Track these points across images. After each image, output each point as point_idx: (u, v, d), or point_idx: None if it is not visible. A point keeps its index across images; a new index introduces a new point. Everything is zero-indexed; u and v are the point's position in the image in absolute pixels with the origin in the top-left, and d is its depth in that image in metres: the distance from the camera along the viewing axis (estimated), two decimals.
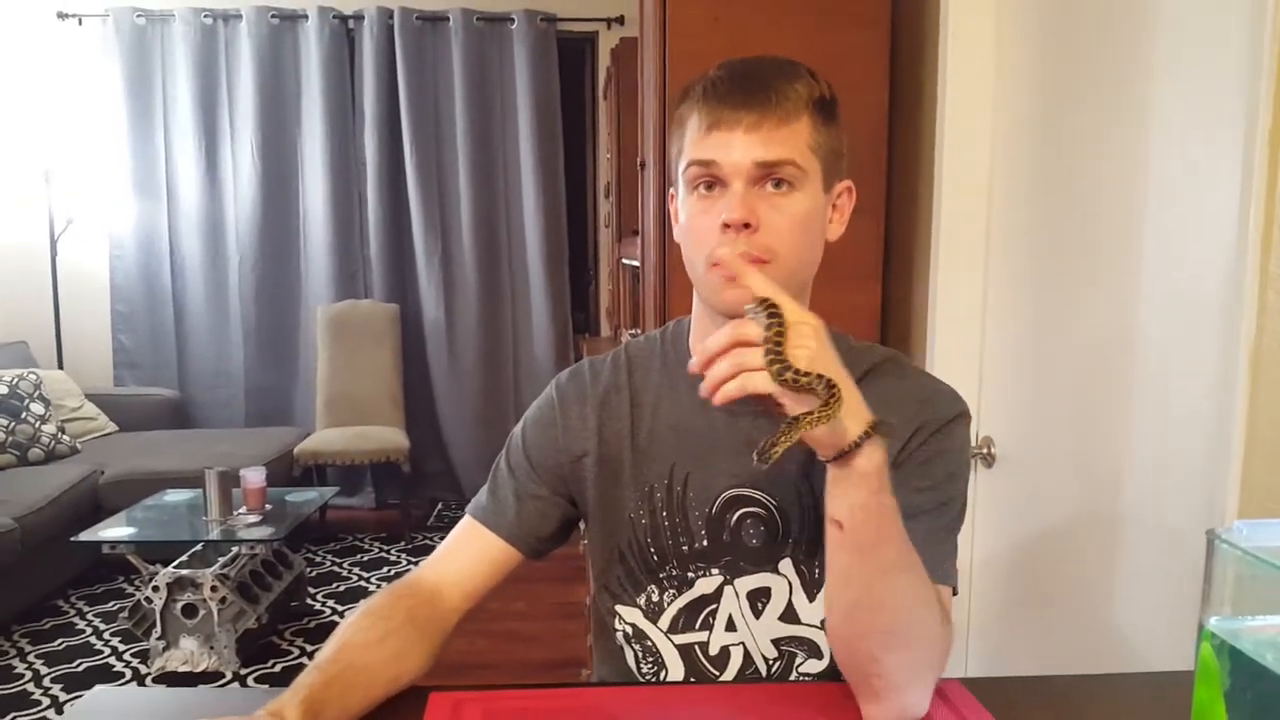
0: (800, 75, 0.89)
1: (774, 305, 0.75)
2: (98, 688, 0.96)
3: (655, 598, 1.02)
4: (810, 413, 0.72)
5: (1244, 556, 0.57)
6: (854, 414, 0.75)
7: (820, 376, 0.72)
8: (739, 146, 0.86)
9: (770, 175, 0.87)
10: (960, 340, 1.81)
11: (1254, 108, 1.05)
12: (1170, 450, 1.28)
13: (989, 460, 1.73)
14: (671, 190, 0.99)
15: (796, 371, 0.72)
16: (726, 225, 0.87)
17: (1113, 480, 1.42)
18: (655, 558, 1.01)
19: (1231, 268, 1.10)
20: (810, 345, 0.74)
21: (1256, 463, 1.07)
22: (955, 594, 0.93)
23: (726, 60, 0.92)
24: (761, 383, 0.72)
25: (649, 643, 1.03)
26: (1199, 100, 1.22)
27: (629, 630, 1.04)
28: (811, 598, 0.98)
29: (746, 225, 0.86)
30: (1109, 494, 1.43)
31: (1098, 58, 1.46)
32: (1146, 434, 1.34)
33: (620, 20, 4.70)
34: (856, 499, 0.76)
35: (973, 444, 1.73)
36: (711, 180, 0.89)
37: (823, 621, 0.96)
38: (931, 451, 0.94)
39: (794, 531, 0.98)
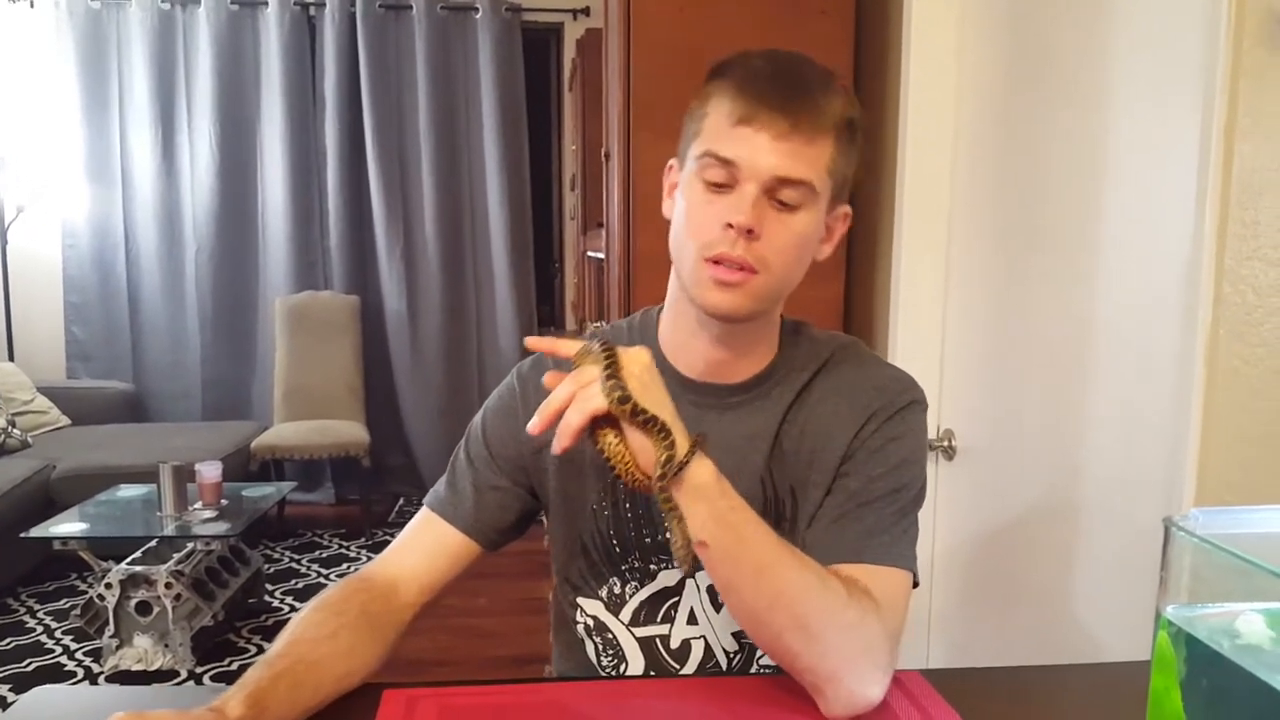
0: (838, 92, 0.87)
1: (606, 342, 0.80)
2: (40, 687, 0.93)
3: (617, 590, 1.01)
4: (662, 480, 0.78)
5: (1200, 544, 0.57)
6: (680, 433, 0.79)
7: (654, 417, 0.77)
8: (763, 152, 0.84)
9: (784, 188, 0.85)
10: (922, 334, 1.81)
11: (1209, 101, 1.06)
12: (1129, 442, 1.30)
13: (949, 453, 1.74)
14: (672, 162, 0.95)
15: (636, 405, 0.77)
16: (730, 226, 0.85)
17: (1072, 472, 1.43)
18: (618, 549, 1.00)
19: (1188, 261, 1.11)
20: (638, 374, 0.79)
21: (1212, 454, 1.08)
22: (916, 583, 0.92)
23: (770, 51, 0.89)
24: (596, 403, 0.77)
25: (610, 635, 1.02)
26: (1157, 95, 1.23)
27: (590, 622, 1.03)
28: None
29: (750, 231, 0.85)
30: (1068, 486, 1.44)
31: (1058, 53, 1.47)
32: (1106, 426, 1.36)
33: (586, 11, 4.68)
34: (707, 512, 0.79)
35: (934, 436, 1.74)
36: (725, 175, 0.86)
37: None
38: (884, 438, 0.93)
39: None
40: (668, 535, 0.82)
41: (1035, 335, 1.53)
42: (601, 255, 2.59)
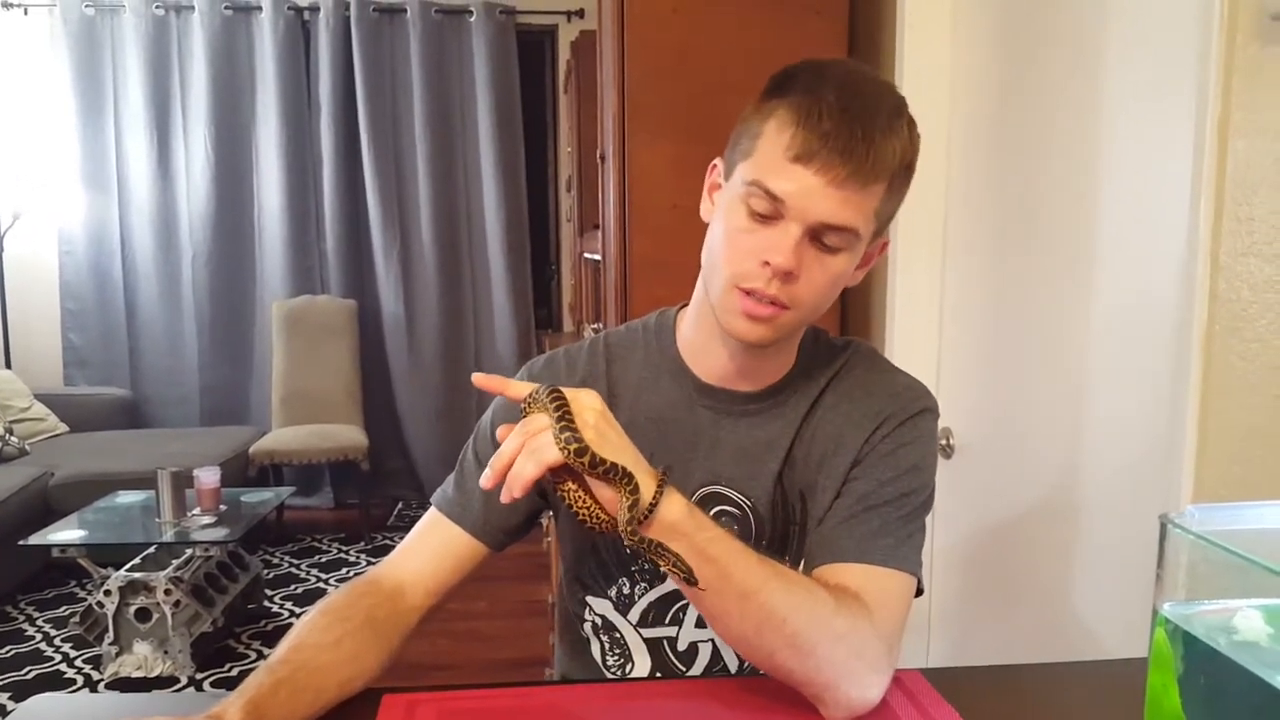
0: (900, 132, 0.84)
1: (555, 389, 0.78)
2: (39, 694, 0.93)
3: (626, 590, 1.01)
4: (629, 526, 0.76)
5: (1196, 541, 0.57)
6: (643, 475, 0.78)
7: (615, 466, 0.75)
8: (815, 196, 0.81)
9: (829, 233, 0.84)
10: (919, 333, 1.81)
11: (1204, 98, 1.06)
12: (1125, 439, 1.30)
13: (948, 452, 1.74)
14: (716, 162, 0.93)
15: (595, 456, 0.75)
16: (768, 264, 0.83)
17: (1069, 470, 1.43)
18: (628, 550, 1.00)
19: (1183, 257, 1.11)
20: (593, 422, 0.77)
21: (1209, 450, 1.08)
22: (921, 590, 0.92)
23: (844, 76, 0.84)
24: (551, 455, 0.75)
25: (617, 634, 1.02)
26: (1151, 92, 1.23)
27: (598, 621, 1.03)
28: None
29: (788, 274, 0.84)
30: (1066, 484, 1.44)
31: (1052, 51, 1.47)
32: (1102, 423, 1.36)
33: (580, 13, 4.68)
34: (685, 547, 0.78)
35: None
36: (771, 209, 0.84)
37: None
38: (895, 443, 0.94)
39: (766, 532, 0.97)
40: (649, 565, 0.81)
41: (1031, 333, 1.53)
42: (598, 257, 2.58)
